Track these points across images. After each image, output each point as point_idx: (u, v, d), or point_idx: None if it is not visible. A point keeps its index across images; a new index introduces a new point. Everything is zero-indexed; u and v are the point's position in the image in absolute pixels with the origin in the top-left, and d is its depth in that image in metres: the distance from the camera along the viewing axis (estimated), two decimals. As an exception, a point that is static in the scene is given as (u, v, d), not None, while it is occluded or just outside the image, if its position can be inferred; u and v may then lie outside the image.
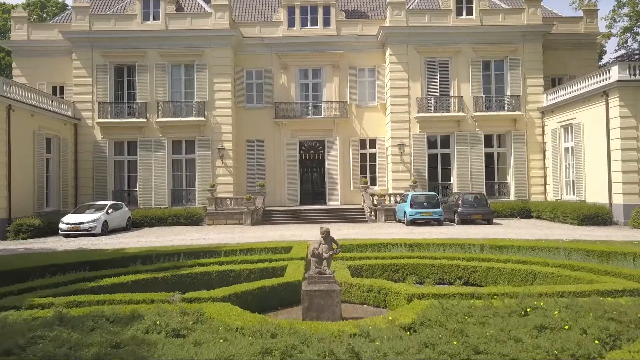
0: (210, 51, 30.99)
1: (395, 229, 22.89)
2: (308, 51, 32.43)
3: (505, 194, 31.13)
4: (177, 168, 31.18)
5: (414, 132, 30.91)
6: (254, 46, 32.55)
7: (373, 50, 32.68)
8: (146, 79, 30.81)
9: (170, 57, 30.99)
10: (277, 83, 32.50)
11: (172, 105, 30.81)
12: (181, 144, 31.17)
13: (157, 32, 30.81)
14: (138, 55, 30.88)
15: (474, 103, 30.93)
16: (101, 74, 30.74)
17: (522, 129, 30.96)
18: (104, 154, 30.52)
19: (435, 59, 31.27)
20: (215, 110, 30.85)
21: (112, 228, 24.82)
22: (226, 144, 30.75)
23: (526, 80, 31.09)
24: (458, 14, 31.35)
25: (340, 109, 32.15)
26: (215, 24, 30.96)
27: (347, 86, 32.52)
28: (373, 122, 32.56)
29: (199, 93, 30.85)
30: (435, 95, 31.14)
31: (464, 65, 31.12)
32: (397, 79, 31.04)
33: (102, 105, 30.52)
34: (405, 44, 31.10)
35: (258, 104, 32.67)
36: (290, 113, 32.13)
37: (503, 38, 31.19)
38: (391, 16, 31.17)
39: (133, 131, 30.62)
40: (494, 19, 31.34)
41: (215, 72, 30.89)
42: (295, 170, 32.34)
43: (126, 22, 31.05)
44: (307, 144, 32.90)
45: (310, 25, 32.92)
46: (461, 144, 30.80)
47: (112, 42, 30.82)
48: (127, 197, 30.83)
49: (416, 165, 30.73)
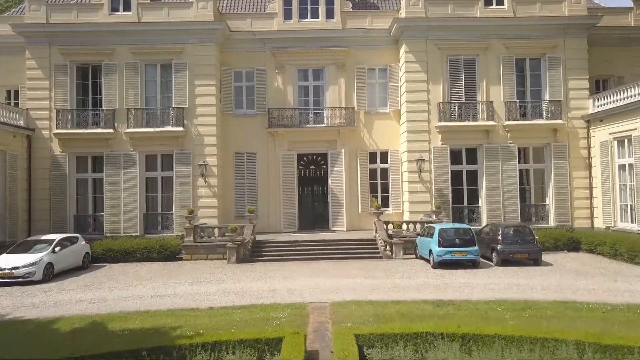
0: (191, 48, 25.90)
1: (420, 276, 17.86)
2: (308, 48, 27.35)
3: (543, 219, 26.06)
4: (152, 188, 26.11)
5: (434, 145, 25.84)
6: (243, 42, 27.47)
7: (385, 47, 27.59)
8: (114, 82, 25.72)
9: (143, 55, 25.90)
10: (271, 86, 27.43)
11: (145, 112, 25.71)
12: (156, 159, 26.08)
13: (127, 25, 25.69)
14: (105, 53, 25.79)
15: (506, 110, 25.85)
16: (60, 76, 25.66)
17: (564, 141, 25.89)
18: (63, 171, 25.44)
19: (459, 57, 26.18)
20: (196, 118, 25.77)
21: (63, 269, 19.80)
22: (210, 158, 25.68)
23: (568, 83, 26.01)
24: (487, 4, 26.25)
25: (346, 116, 27.08)
26: (197, 16, 25.88)
27: (354, 89, 27.45)
28: (385, 131, 27.49)
29: (178, 98, 25.77)
30: (460, 101, 26.05)
31: (494, 65, 26.04)
32: (414, 81, 25.97)
33: (61, 113, 25.44)
34: (423, 39, 26.02)
35: (249, 111, 27.59)
36: (287, 121, 27.05)
37: (540, 32, 26.11)
38: (407, 6, 26.08)
39: (98, 144, 25.55)
40: (530, 9, 26.24)
41: (197, 72, 25.81)
42: (293, 189, 27.29)
43: (91, 13, 25.96)
44: (306, 157, 27.81)
45: (310, 18, 27.82)
46: (491, 158, 25.73)
47: (73, 37, 25.71)
48: (91, 223, 25.79)
49: (437, 184, 25.66)
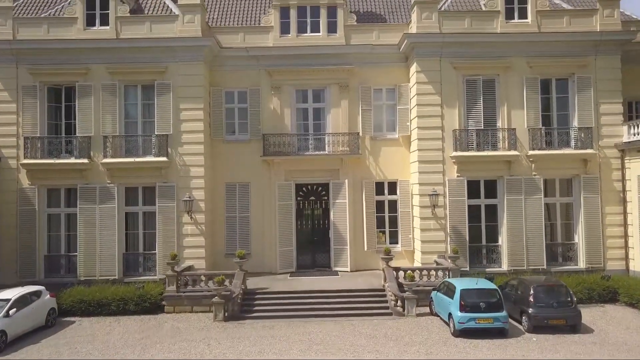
0: (175, 67, 23.04)
1: (440, 351, 15.02)
2: (307, 66, 24.48)
3: (571, 260, 23.19)
4: (132, 225, 23.27)
5: (449, 177, 22.97)
6: (235, 59, 24.61)
7: (393, 65, 24.72)
8: (90, 105, 22.87)
9: (122, 74, 23.04)
10: (266, 108, 24.57)
11: (124, 140, 22.85)
12: (137, 191, 23.22)
13: (104, 42, 22.84)
14: (79, 73, 22.93)
15: (530, 138, 22.96)
16: (29, 99, 22.81)
17: (595, 172, 23.01)
18: (32, 206, 22.60)
19: (477, 77, 23.28)
20: (182, 146, 22.91)
21: (21, 332, 17.01)
22: (197, 192, 22.82)
23: (599, 107, 23.12)
24: (508, 17, 23.36)
25: (350, 142, 24.22)
26: (183, 31, 23.01)
27: (358, 112, 24.59)
28: (393, 159, 24.64)
29: (161, 123, 22.90)
30: (478, 127, 23.16)
31: (516, 86, 23.15)
32: (427, 105, 23.09)
33: (30, 141, 22.60)
34: (437, 57, 23.13)
35: (241, 136, 24.73)
36: (284, 148, 24.19)
37: (568, 49, 23.21)
38: (418, 20, 23.18)
39: (72, 175, 22.71)
40: (557, 23, 23.35)
41: (183, 95, 22.94)
42: (291, 224, 24.46)
43: (63, 28, 23.08)
44: (306, 187, 24.94)
45: (310, 32, 24.93)
46: (513, 192, 22.86)
47: (43, 55, 22.85)
48: (64, 264, 22.97)
49: (453, 221, 22.79)
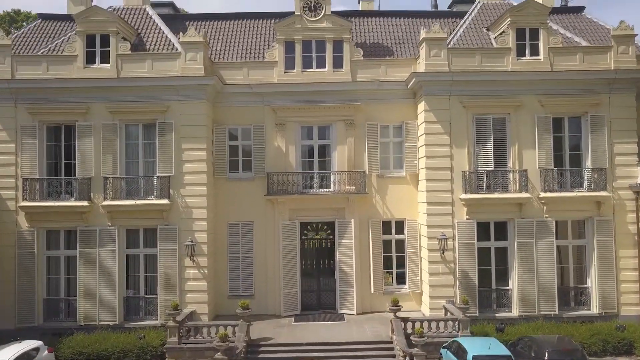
0: (178, 106, 22.49)
1: None
2: (313, 103, 23.88)
3: (584, 304, 22.52)
4: (134, 267, 22.72)
5: (459, 219, 22.33)
6: (239, 95, 24.05)
7: (400, 101, 24.10)
8: (90, 145, 22.34)
9: (123, 114, 22.49)
10: (270, 145, 23.98)
11: (125, 182, 22.30)
12: (138, 234, 22.68)
13: (105, 81, 22.31)
14: (79, 112, 22.40)
15: (542, 179, 22.30)
16: (28, 139, 22.29)
17: (608, 214, 22.33)
18: (31, 249, 22.09)
19: (487, 116, 22.64)
20: (184, 188, 22.35)
21: (18, 394, 16.52)
22: (199, 235, 22.25)
23: (613, 147, 22.44)
24: (519, 54, 22.68)
25: (356, 181, 23.60)
26: (185, 69, 22.44)
27: (365, 149, 23.97)
28: (400, 198, 24.00)
29: (163, 164, 22.34)
30: (488, 168, 22.51)
31: (528, 125, 22.49)
32: (435, 145, 22.45)
33: (29, 183, 22.08)
34: (446, 96, 22.49)
35: (245, 174, 24.14)
36: (289, 187, 23.59)
37: (581, 87, 22.54)
38: (427, 57, 22.53)
39: (72, 217, 22.17)
40: (569, 60, 22.66)
41: (185, 134, 22.39)
42: (295, 264, 23.88)
43: (63, 65, 22.54)
44: (311, 226, 24.34)
45: (315, 67, 24.32)
46: (524, 235, 22.21)
47: (43, 94, 22.34)
48: (64, 308, 22.46)
49: (462, 265, 22.15)
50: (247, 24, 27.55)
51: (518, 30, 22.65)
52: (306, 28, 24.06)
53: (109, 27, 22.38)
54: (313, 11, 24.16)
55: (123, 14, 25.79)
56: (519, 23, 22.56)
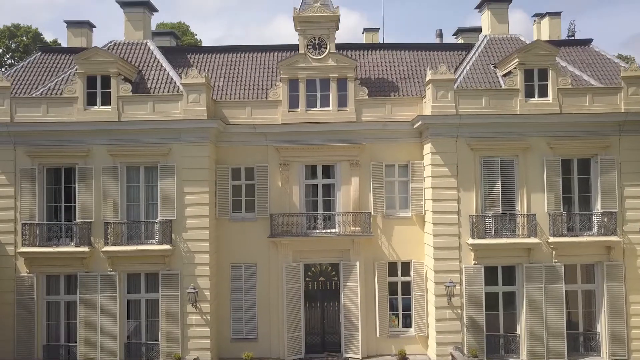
0: (180, 148, 22.10)
1: None
2: (317, 142, 23.48)
3: (593, 350, 22.11)
4: (135, 313, 22.32)
5: (466, 264, 21.93)
6: (242, 135, 23.64)
7: (406, 141, 23.69)
8: (90, 188, 21.95)
9: (124, 156, 22.11)
10: (274, 185, 23.58)
11: (126, 226, 21.91)
12: (139, 279, 22.29)
13: (106, 124, 21.92)
14: (79, 155, 22.01)
15: (551, 223, 21.90)
16: (27, 182, 21.90)
17: (619, 259, 21.92)
18: (30, 295, 21.70)
19: (495, 158, 22.24)
20: (186, 232, 21.95)
21: None
22: (201, 280, 21.84)
23: (624, 190, 22.04)
24: (528, 95, 22.29)
25: (361, 222, 23.19)
26: (188, 111, 22.04)
27: (370, 189, 23.55)
28: (406, 239, 23.59)
29: (165, 208, 21.94)
30: (496, 211, 22.10)
31: (536, 167, 22.09)
32: (442, 188, 22.05)
33: (28, 227, 21.67)
34: (453, 138, 22.10)
35: (248, 215, 23.73)
36: (292, 229, 23.18)
37: (591, 129, 22.15)
38: (434, 98, 22.13)
39: (72, 263, 21.78)
40: (579, 102, 22.26)
41: (188, 178, 21.99)
42: (299, 307, 23.45)
43: (63, 107, 22.13)
44: (315, 267, 23.91)
45: (319, 107, 23.92)
46: (532, 280, 21.81)
47: (42, 136, 21.96)
48: (64, 354, 22.05)
49: (470, 311, 21.74)
50: (250, 57, 27.15)
51: (526, 71, 22.25)
52: (310, 67, 23.66)
53: (110, 69, 21.99)
54: (317, 49, 23.77)
55: (124, 49, 25.43)
56: (528, 64, 22.17)
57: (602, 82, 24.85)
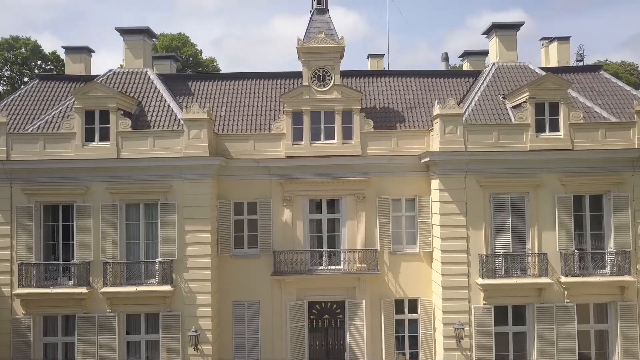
0: (180, 186, 21.48)
1: None
2: (321, 176, 22.87)
3: (607, 393, 21.55)
4: (135, 354, 21.65)
5: (475, 304, 21.32)
6: (245, 169, 23.02)
7: (413, 174, 23.06)
8: (89, 227, 21.32)
9: (123, 194, 21.48)
10: (277, 220, 22.96)
11: (125, 267, 21.28)
12: (139, 320, 21.67)
13: (104, 162, 21.29)
14: (77, 193, 21.39)
15: (563, 262, 21.28)
16: (24, 220, 21.28)
17: (633, 299, 21.32)
18: (27, 337, 21.06)
19: (505, 195, 21.62)
20: (187, 272, 21.33)
21: None
22: (203, 321, 21.21)
23: (638, 227, 21.44)
24: (538, 130, 21.67)
25: (367, 259, 22.58)
26: (189, 147, 21.41)
27: (376, 225, 22.93)
28: (414, 275, 22.97)
29: (165, 247, 21.31)
30: (506, 250, 21.48)
31: (547, 205, 21.48)
32: (451, 226, 21.44)
33: (24, 268, 21.04)
34: (462, 174, 21.49)
35: (250, 251, 23.11)
36: (296, 266, 22.56)
37: (604, 165, 21.54)
38: (442, 134, 21.52)
39: (70, 304, 21.15)
40: (591, 137, 21.64)
41: (189, 215, 21.37)
42: (303, 346, 22.82)
43: (60, 144, 21.49)
44: (319, 305, 23.25)
45: (324, 140, 23.30)
46: (543, 321, 21.20)
47: (39, 173, 21.32)
48: (61, 398, 21.48)
49: (479, 353, 21.12)
50: (252, 84, 26.57)
51: (537, 105, 21.64)
52: (315, 99, 23.05)
53: (109, 103, 21.36)
54: (322, 81, 23.17)
55: (123, 78, 24.83)
56: (538, 98, 21.56)
57: (613, 112, 24.33)
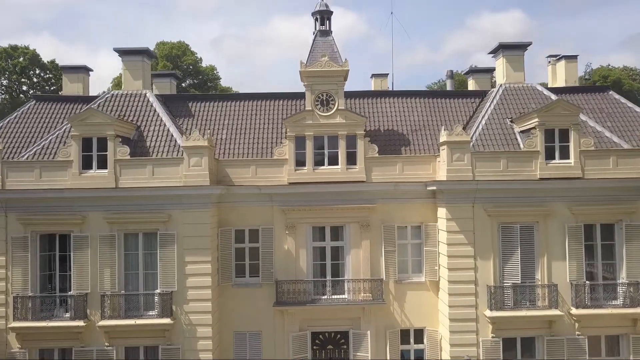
0: (180, 215, 20.88)
1: None
2: (325, 203, 22.30)
3: None
4: (133, 388, 21.18)
5: (483, 337, 20.72)
6: (246, 196, 22.44)
7: (419, 201, 22.48)
8: (86, 257, 20.74)
9: (121, 224, 20.90)
10: (279, 248, 22.39)
11: (124, 299, 20.68)
12: (138, 353, 21.03)
13: (102, 191, 20.69)
14: (74, 223, 20.81)
15: (574, 293, 20.70)
16: (19, 251, 20.68)
17: (646, 331, 20.78)
18: (23, 372, 20.55)
19: (514, 225, 21.04)
20: (188, 304, 20.74)
21: None
22: (204, 355, 20.60)
23: (650, 257, 20.90)
24: (548, 157, 21.07)
25: (372, 289, 22.00)
26: (189, 176, 20.80)
27: (381, 253, 22.36)
28: (419, 305, 22.39)
29: (165, 278, 20.73)
30: (515, 281, 20.89)
31: (557, 234, 20.90)
32: (458, 256, 20.86)
33: (20, 300, 20.46)
34: (469, 203, 20.90)
35: (252, 280, 22.53)
36: (299, 296, 21.98)
37: (615, 193, 20.96)
38: (449, 161, 20.92)
39: (67, 337, 20.54)
40: (602, 164, 21.03)
41: (189, 245, 20.77)
42: (307, 378, 22.32)
43: (57, 172, 20.85)
44: (323, 336, 22.66)
45: (327, 165, 22.72)
46: (554, 354, 20.62)
47: (35, 202, 20.75)
48: None
49: (487, 387, 20.60)
50: (254, 105, 26.00)
51: (547, 132, 21.07)
52: (318, 124, 22.49)
53: (107, 131, 20.78)
54: (325, 105, 22.60)
55: (122, 100, 24.25)
56: (548, 124, 20.98)
57: (623, 136, 23.83)
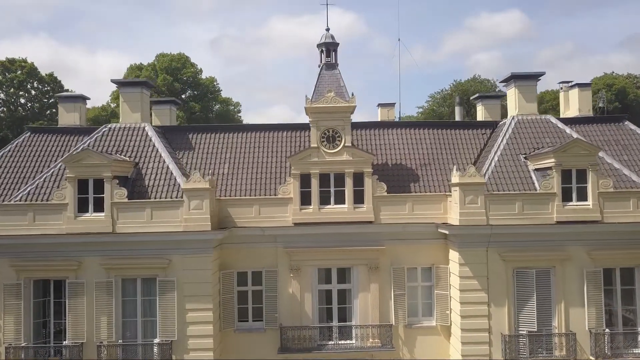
0: (180, 260, 19.95)
1: None
2: (331, 244, 21.38)
3: None
4: None
5: (498, 389, 19.84)
6: (249, 237, 21.51)
7: (429, 242, 21.57)
8: (82, 304, 19.81)
9: (119, 269, 19.97)
10: (284, 292, 21.45)
11: (121, 349, 19.73)
12: (137, 405, 20.21)
13: (99, 236, 19.75)
14: (70, 269, 19.88)
15: (593, 342, 19.76)
16: (12, 299, 19.74)
17: (668, 380, 19.85)
18: None
19: (530, 270, 20.11)
20: (188, 354, 19.79)
21: None
22: (206, 407, 19.77)
23: (672, 304, 19.96)
24: (565, 199, 20.13)
25: (381, 335, 21.08)
26: (189, 219, 19.85)
27: (390, 297, 21.44)
28: (430, 350, 21.44)
29: (164, 327, 19.79)
30: (531, 328, 19.95)
31: (575, 280, 19.97)
32: (472, 303, 19.92)
33: (13, 352, 19.53)
34: (483, 248, 19.97)
35: (255, 324, 21.61)
36: (305, 343, 21.03)
37: (635, 237, 20.02)
38: (461, 204, 19.97)
39: (61, 389, 19.71)
40: (622, 206, 20.08)
41: (190, 292, 19.85)
42: None
43: (51, 215, 19.96)
44: (330, 382, 21.82)
45: (334, 204, 21.77)
46: (572, 406, 19.71)
47: (29, 247, 19.83)
48: None
49: None
50: (256, 137, 25.02)
51: (564, 172, 20.14)
52: (324, 161, 21.57)
53: (103, 172, 19.86)
54: (331, 142, 21.69)
55: (120, 134, 23.29)
56: (565, 164, 20.07)
57: (641, 171, 22.85)
